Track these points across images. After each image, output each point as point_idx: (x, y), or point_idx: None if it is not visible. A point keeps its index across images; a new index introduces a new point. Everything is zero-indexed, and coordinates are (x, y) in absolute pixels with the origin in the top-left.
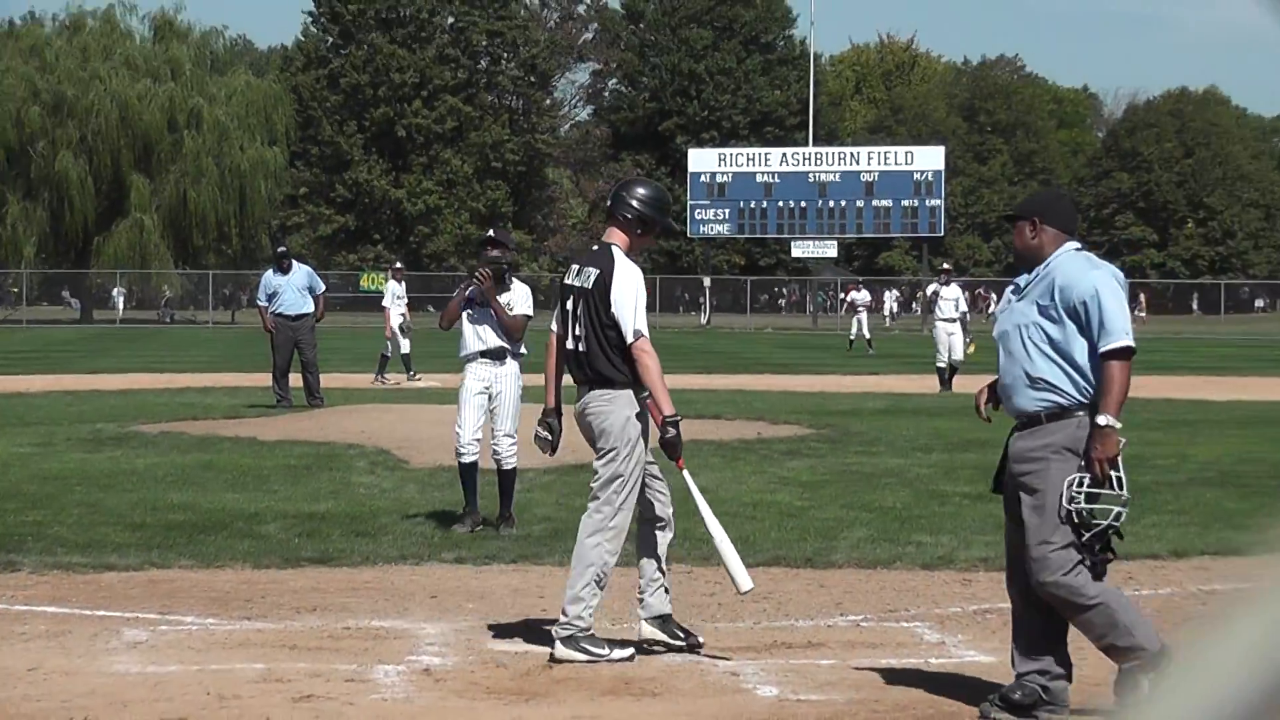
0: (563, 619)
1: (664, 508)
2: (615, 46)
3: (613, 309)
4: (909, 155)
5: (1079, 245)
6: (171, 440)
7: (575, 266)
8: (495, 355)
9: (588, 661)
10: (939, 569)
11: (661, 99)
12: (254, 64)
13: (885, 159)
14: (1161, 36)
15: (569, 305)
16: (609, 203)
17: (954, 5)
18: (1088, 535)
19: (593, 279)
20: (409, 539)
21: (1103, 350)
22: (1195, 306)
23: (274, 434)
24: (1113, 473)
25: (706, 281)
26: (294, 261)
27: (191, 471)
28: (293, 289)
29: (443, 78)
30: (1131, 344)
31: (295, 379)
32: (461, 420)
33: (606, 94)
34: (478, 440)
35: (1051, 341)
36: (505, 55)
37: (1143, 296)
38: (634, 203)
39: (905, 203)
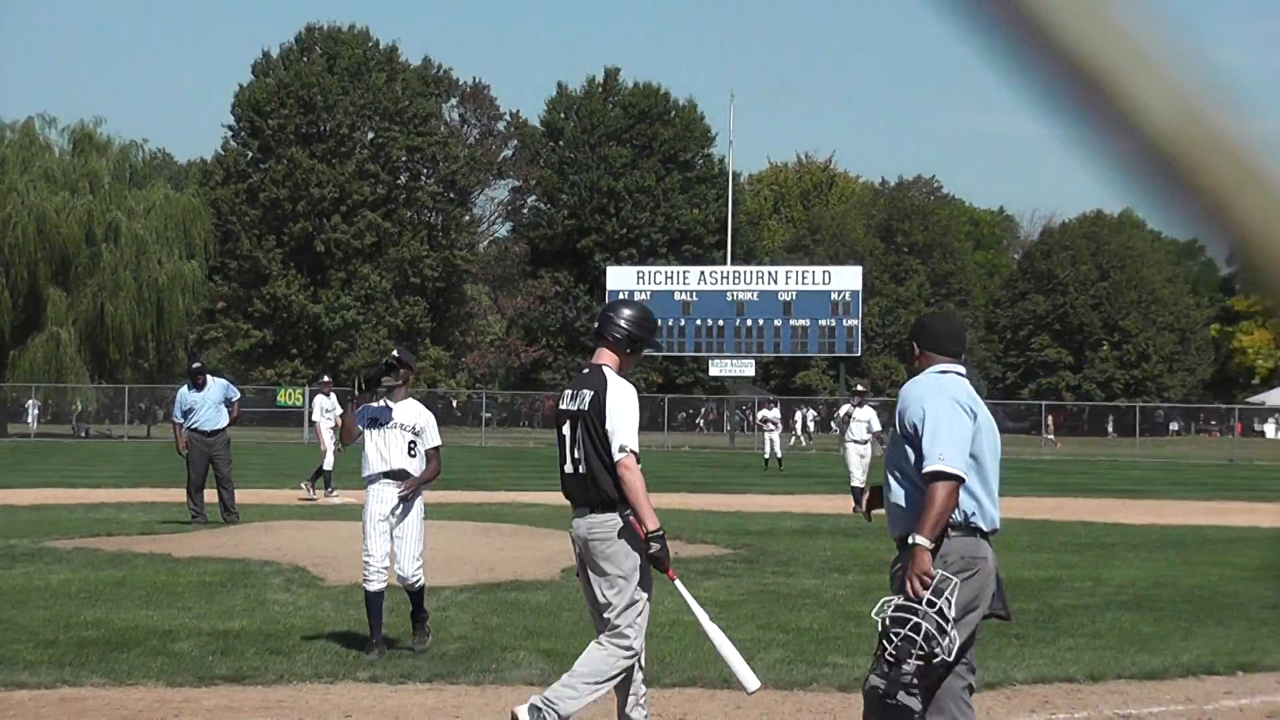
0: (547, 692)
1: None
2: (534, 163)
3: (606, 425)
4: (826, 275)
5: (946, 369)
6: (85, 556)
7: (569, 392)
8: (397, 476)
9: None
10: (855, 691)
11: (580, 216)
12: (173, 177)
13: (803, 278)
14: (1076, 159)
15: (565, 430)
16: (597, 324)
17: (871, 126)
18: (890, 649)
19: (588, 400)
20: (323, 657)
21: (921, 473)
22: (1110, 429)
23: (188, 550)
24: (926, 593)
25: None
26: (209, 376)
27: (104, 588)
28: (208, 404)
29: (362, 193)
30: (944, 469)
31: (210, 495)
32: (368, 547)
33: (525, 211)
34: (386, 568)
35: (901, 467)
36: (425, 171)
37: (1051, 419)
38: (623, 323)
39: (822, 322)
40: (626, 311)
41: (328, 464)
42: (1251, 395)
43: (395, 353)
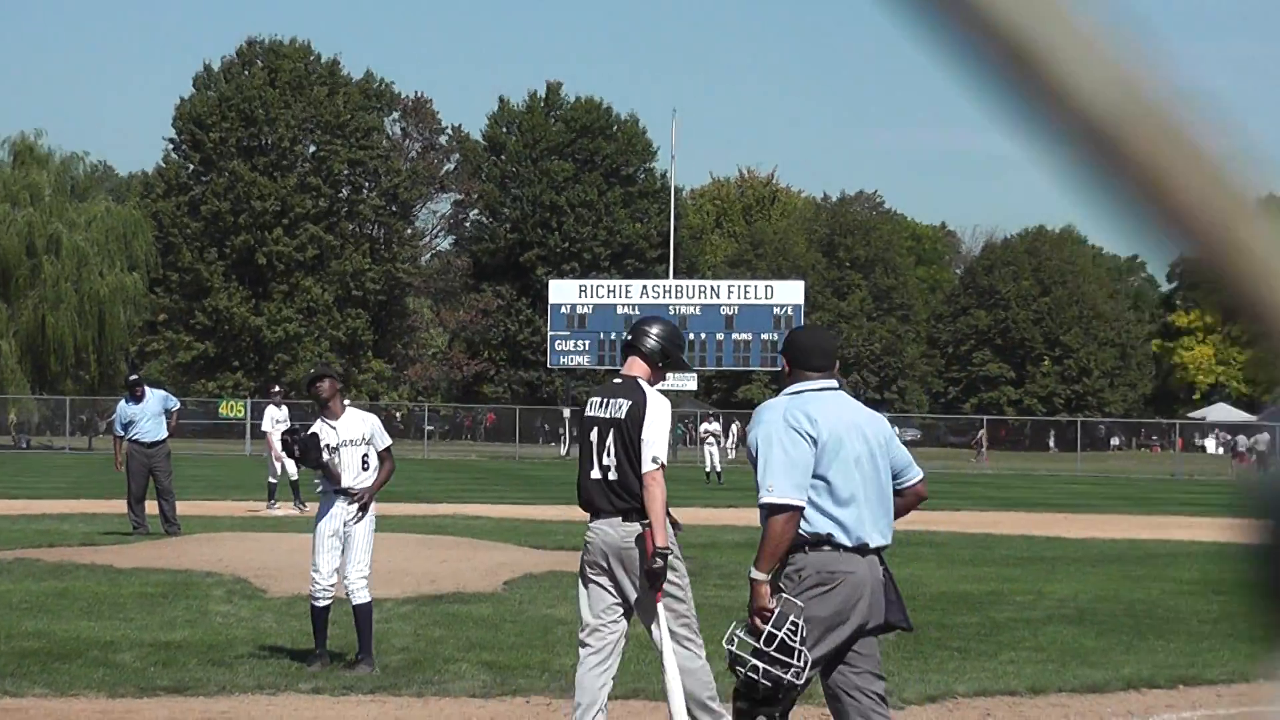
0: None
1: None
2: (476, 177)
3: (643, 435)
4: (769, 290)
5: (802, 388)
6: (26, 567)
7: (598, 399)
8: (348, 494)
9: None
10: (798, 702)
11: (522, 230)
12: (114, 190)
13: (745, 293)
14: (1018, 175)
15: (593, 436)
16: (629, 337)
17: (813, 141)
18: (738, 681)
19: (625, 409)
20: (266, 669)
21: (758, 504)
22: (1052, 444)
23: (130, 561)
24: (767, 626)
25: (566, 413)
26: (147, 388)
27: (45, 599)
28: (148, 416)
29: (304, 206)
30: (773, 500)
31: (152, 506)
32: (317, 563)
33: (468, 224)
34: (333, 584)
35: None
36: (367, 184)
37: (982, 434)
38: (656, 337)
39: (764, 336)
40: (658, 327)
41: (292, 474)
42: (1192, 410)
43: (314, 370)
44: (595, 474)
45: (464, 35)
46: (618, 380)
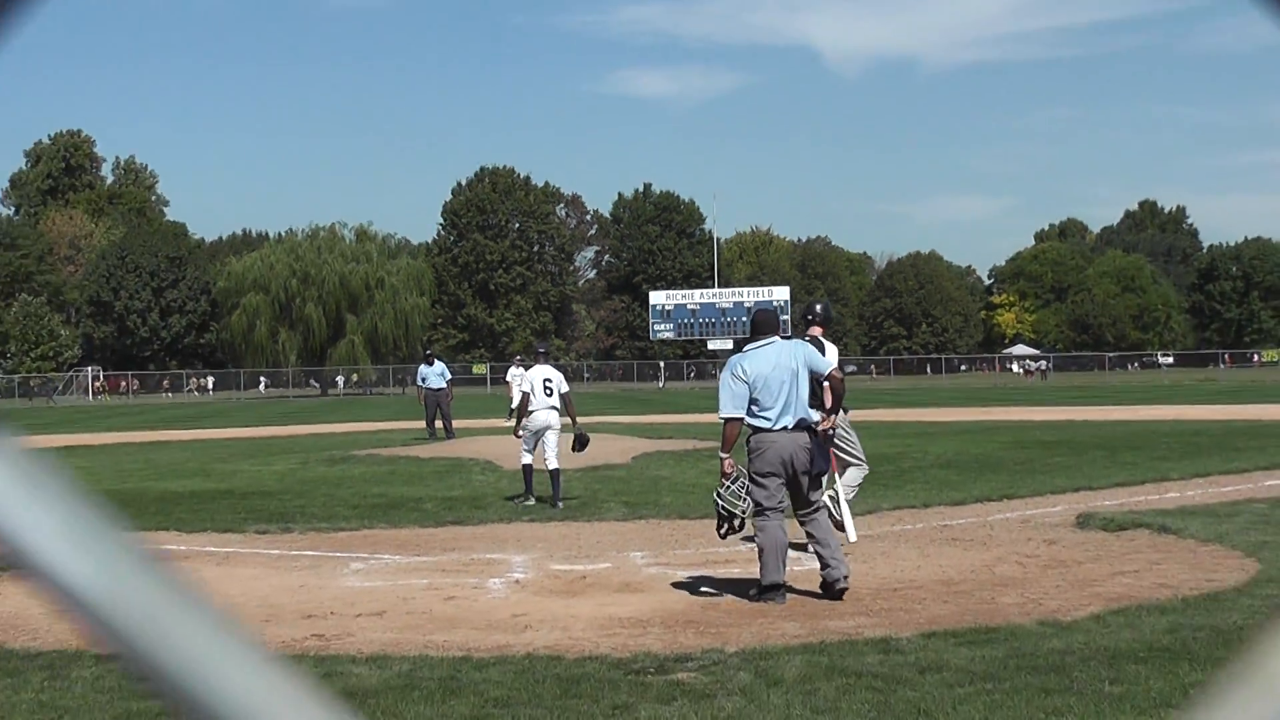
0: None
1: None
2: (607, 237)
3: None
4: (770, 291)
5: (750, 347)
6: (371, 458)
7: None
8: (551, 408)
9: None
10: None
11: (633, 265)
12: (411, 251)
13: (756, 295)
14: (906, 222)
15: None
16: (808, 315)
17: (792, 207)
18: (716, 511)
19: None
20: (503, 509)
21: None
22: (929, 371)
23: (427, 454)
24: (728, 481)
25: (662, 364)
26: (436, 359)
27: (382, 475)
28: (434, 375)
29: (514, 256)
30: (724, 416)
31: (437, 424)
32: (526, 445)
33: (603, 262)
34: (531, 455)
35: None
36: (548, 243)
37: (873, 367)
38: (822, 310)
39: None
40: (822, 304)
41: (514, 405)
42: (1005, 349)
43: (540, 347)
44: None
45: (598, 158)
46: (807, 339)
